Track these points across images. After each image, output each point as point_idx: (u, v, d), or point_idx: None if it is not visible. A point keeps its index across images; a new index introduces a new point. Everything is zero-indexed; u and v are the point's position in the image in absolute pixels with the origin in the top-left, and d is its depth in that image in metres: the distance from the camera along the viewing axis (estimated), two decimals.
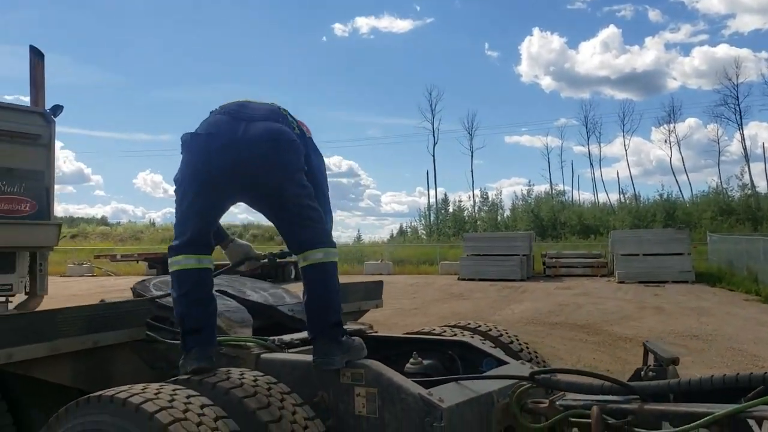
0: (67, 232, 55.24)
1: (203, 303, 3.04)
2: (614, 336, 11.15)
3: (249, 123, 3.01)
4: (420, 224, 57.25)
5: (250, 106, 3.16)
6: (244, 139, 2.95)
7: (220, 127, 3.01)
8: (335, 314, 3.04)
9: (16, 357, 2.94)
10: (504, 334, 4.12)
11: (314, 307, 3.04)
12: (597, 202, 55.73)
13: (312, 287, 3.04)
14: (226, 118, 3.05)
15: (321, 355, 2.92)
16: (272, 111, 3.17)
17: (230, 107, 3.14)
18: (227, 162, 2.93)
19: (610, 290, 20.87)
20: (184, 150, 3.04)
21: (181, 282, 3.06)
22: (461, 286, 23.09)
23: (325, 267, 3.03)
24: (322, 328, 2.98)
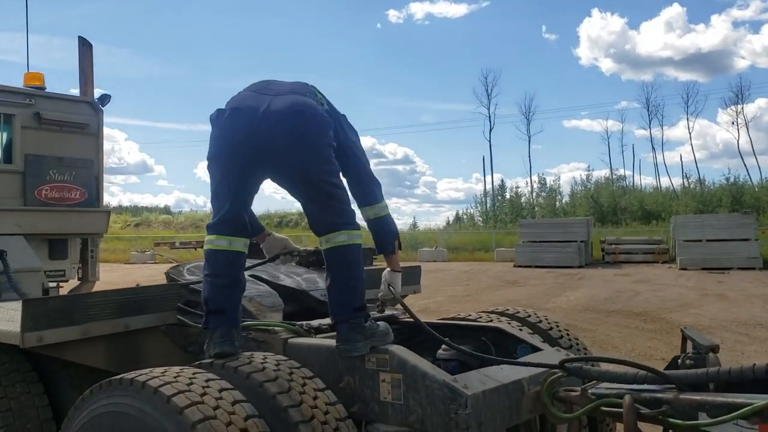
0: (131, 220, 57.04)
1: (229, 285, 3.01)
2: (672, 324, 10.81)
3: (274, 97, 2.95)
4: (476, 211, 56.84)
5: (276, 82, 3.12)
6: (268, 112, 2.88)
7: (245, 101, 2.97)
8: (358, 299, 2.96)
9: (47, 340, 2.98)
10: (543, 320, 4.00)
11: (336, 291, 2.97)
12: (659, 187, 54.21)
13: (334, 271, 2.98)
14: (252, 93, 3.01)
15: (344, 341, 2.86)
16: (300, 85, 3.11)
17: (257, 84, 3.11)
18: (250, 136, 2.88)
19: (671, 277, 20.30)
20: (212, 126, 3.01)
21: (211, 262, 3.05)
22: (516, 273, 22.83)
23: (348, 249, 2.96)
24: (344, 313, 2.92)
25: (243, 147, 2.90)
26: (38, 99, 6.29)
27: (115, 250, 38.36)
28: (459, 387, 2.60)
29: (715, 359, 2.55)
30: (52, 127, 6.32)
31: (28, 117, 6.19)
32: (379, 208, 3.29)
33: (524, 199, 55.17)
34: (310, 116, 2.91)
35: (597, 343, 9.29)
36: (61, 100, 6.53)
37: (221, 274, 3.01)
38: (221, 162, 2.98)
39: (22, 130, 6.15)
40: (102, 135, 6.72)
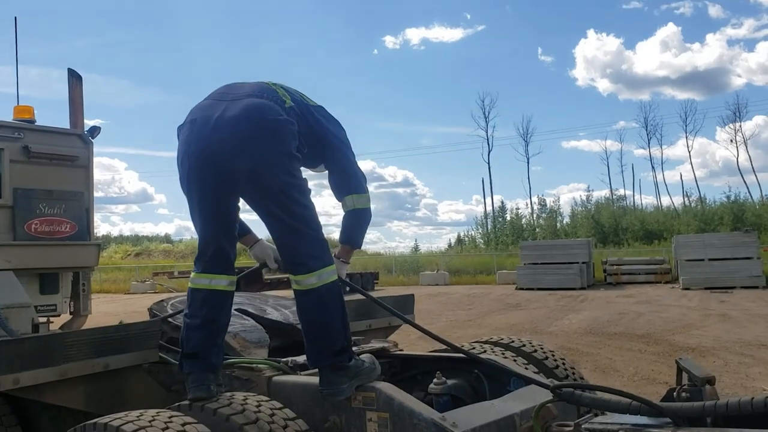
0: (131, 250, 56.93)
1: (203, 327, 2.86)
2: (675, 346, 10.66)
3: (230, 102, 2.77)
4: (478, 233, 56.73)
5: (237, 85, 2.94)
6: (221, 119, 2.70)
7: (201, 111, 2.81)
8: (338, 341, 2.77)
9: (24, 382, 2.89)
10: (538, 350, 3.90)
11: (312, 336, 2.79)
12: (660, 207, 54.13)
13: (307, 316, 2.80)
14: (210, 101, 2.85)
15: (327, 386, 2.72)
16: (258, 87, 2.89)
17: (218, 90, 2.94)
18: (202, 147, 2.72)
19: (674, 297, 20.14)
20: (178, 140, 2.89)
21: (189, 301, 2.95)
22: (518, 296, 22.67)
23: (319, 293, 2.75)
24: (323, 359, 2.75)
25: (198, 160, 2.74)
26: (27, 132, 6.25)
27: (115, 281, 38.24)
28: (447, 425, 2.50)
29: (712, 391, 2.45)
30: (41, 160, 6.27)
31: (17, 150, 6.14)
32: (363, 198, 3.12)
33: (525, 220, 55.13)
34: (262, 119, 2.71)
35: (599, 367, 9.15)
36: (51, 133, 6.49)
37: (197, 315, 2.88)
38: (184, 181, 2.84)
39: (11, 164, 6.10)
40: (92, 167, 6.67)
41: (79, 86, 6.78)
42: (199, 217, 2.88)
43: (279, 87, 2.97)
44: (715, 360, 9.38)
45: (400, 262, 39.44)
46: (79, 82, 6.78)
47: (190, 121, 2.83)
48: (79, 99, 6.74)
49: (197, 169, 2.77)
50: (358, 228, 3.16)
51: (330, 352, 2.74)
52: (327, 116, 3.11)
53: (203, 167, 2.75)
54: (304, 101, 3.03)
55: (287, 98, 2.90)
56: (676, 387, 2.51)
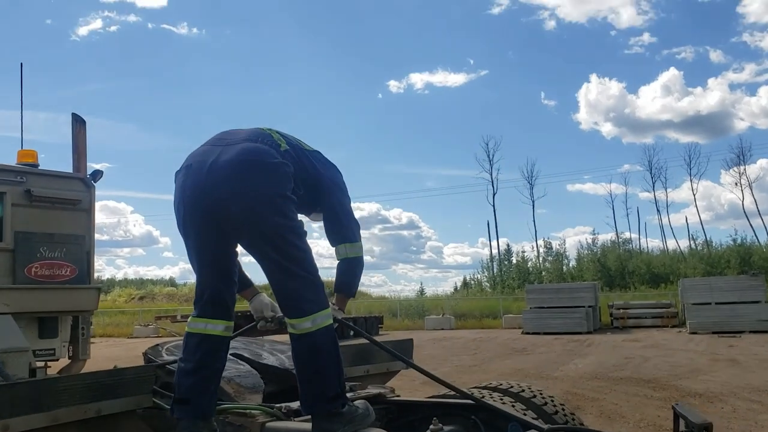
0: (135, 293, 56.86)
1: (198, 373, 2.84)
2: (682, 391, 10.51)
3: (225, 147, 2.79)
4: (483, 276, 56.49)
5: (234, 131, 2.95)
6: (215, 164, 2.72)
7: (196, 157, 2.83)
8: (332, 387, 2.73)
9: (15, 428, 2.84)
10: (537, 395, 3.83)
11: (306, 382, 2.75)
12: (666, 250, 53.93)
13: (302, 360, 2.76)
14: (206, 147, 2.87)
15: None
16: (254, 132, 2.91)
17: (216, 136, 2.96)
18: (197, 191, 2.74)
19: (681, 342, 19.92)
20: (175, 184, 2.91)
21: (184, 345, 2.95)
22: (525, 341, 22.45)
23: (314, 338, 2.72)
24: (317, 405, 2.72)
25: (193, 204, 2.76)
26: (30, 176, 6.30)
27: (119, 324, 38.07)
28: None
29: None
30: (43, 203, 6.31)
31: (19, 194, 6.19)
32: (355, 248, 3.13)
33: (531, 263, 54.89)
34: (255, 162, 2.71)
35: (605, 413, 9.00)
36: (53, 177, 6.54)
37: (190, 360, 2.86)
38: (180, 226, 2.86)
39: (12, 208, 6.14)
40: (94, 210, 6.72)
41: (82, 131, 6.85)
42: (196, 261, 2.88)
43: (275, 132, 3.00)
44: (723, 406, 9.23)
45: (405, 305, 39.20)
46: (83, 126, 6.86)
47: (185, 167, 2.85)
48: (82, 143, 6.81)
49: (192, 214, 2.78)
50: (351, 277, 3.17)
51: (324, 398, 2.71)
52: (323, 161, 3.13)
53: (198, 212, 2.76)
54: (299, 146, 3.05)
55: (282, 142, 2.92)
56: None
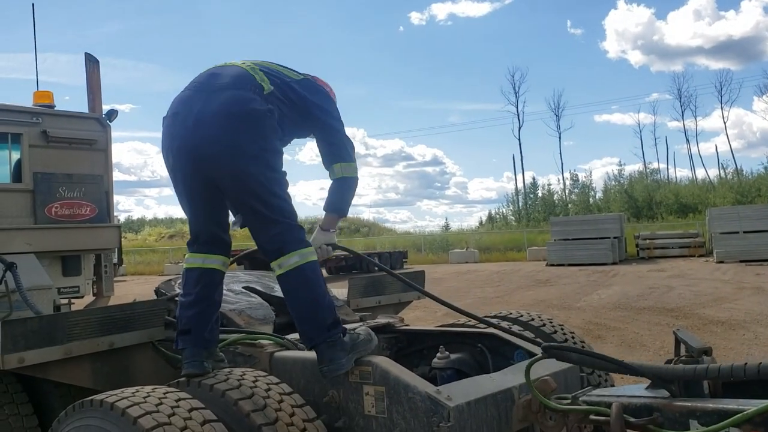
0: (165, 232, 57.72)
1: (196, 304, 2.89)
2: (705, 319, 10.51)
3: (209, 95, 2.77)
4: (509, 210, 56.36)
5: (218, 73, 2.90)
6: (201, 116, 2.72)
7: (182, 104, 2.83)
8: (329, 314, 2.79)
9: (29, 361, 2.93)
10: (547, 324, 3.86)
11: (305, 314, 2.80)
12: (695, 179, 53.13)
13: (295, 295, 2.81)
14: (189, 93, 2.86)
15: (326, 362, 2.72)
16: (238, 76, 2.86)
17: (199, 78, 2.93)
18: (183, 144, 2.75)
19: (707, 271, 19.82)
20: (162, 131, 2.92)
21: (184, 280, 3.01)
22: (548, 273, 22.50)
23: (303, 270, 2.78)
24: (318, 335, 2.75)
25: (179, 156, 2.79)
26: (45, 117, 6.32)
27: (150, 263, 38.86)
28: (441, 399, 2.49)
29: (710, 362, 2.40)
30: (60, 144, 6.34)
31: (36, 135, 6.22)
32: (350, 168, 3.11)
33: (557, 196, 54.63)
34: (241, 115, 2.71)
35: (625, 342, 9.06)
36: (68, 117, 6.55)
37: (191, 293, 2.92)
38: (170, 171, 2.89)
39: (30, 149, 6.18)
40: (110, 150, 6.73)
41: (96, 70, 6.83)
42: (188, 208, 2.94)
43: (257, 71, 2.93)
44: (745, 333, 9.22)
45: (430, 240, 39.38)
46: (96, 66, 6.84)
47: (172, 114, 2.85)
48: (96, 83, 6.80)
49: (181, 166, 2.82)
50: (345, 195, 3.14)
51: (323, 327, 2.75)
52: (311, 87, 3.09)
53: (186, 164, 2.80)
54: (285, 79, 3.00)
55: (266, 82, 2.88)
56: (674, 358, 2.46)
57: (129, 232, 54.96)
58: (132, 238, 53.31)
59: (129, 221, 63.53)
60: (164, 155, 2.89)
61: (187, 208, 2.92)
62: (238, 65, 2.98)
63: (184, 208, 2.95)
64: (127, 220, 63.13)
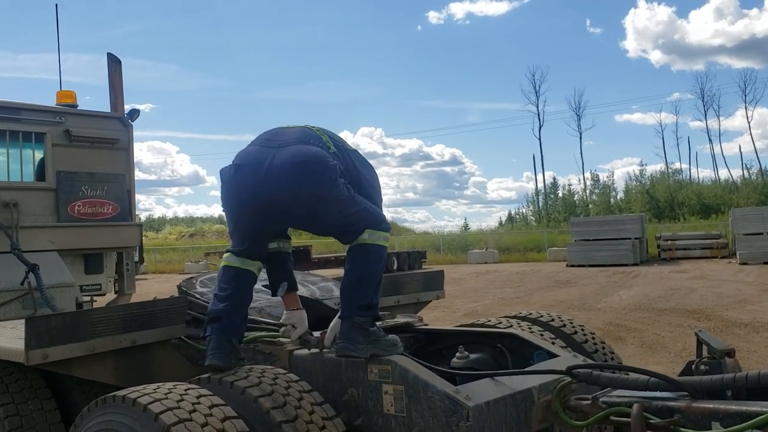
0: (185, 231, 58.16)
1: (232, 298, 3.00)
2: (728, 322, 10.38)
3: (278, 149, 2.89)
4: (529, 210, 56.08)
5: (282, 132, 3.05)
6: (271, 168, 2.84)
7: (249, 157, 2.95)
8: (366, 297, 2.89)
9: (53, 357, 2.97)
10: (567, 324, 3.83)
11: (346, 287, 2.94)
12: (718, 180, 52.47)
13: (349, 267, 2.96)
14: (257, 147, 2.98)
15: (344, 339, 2.82)
16: (303, 133, 3.02)
17: (263, 136, 3.06)
18: (255, 194, 2.86)
19: (730, 272, 19.57)
20: (221, 182, 3.02)
21: (220, 277, 3.09)
22: (569, 273, 22.36)
23: (365, 247, 2.92)
24: (349, 309, 2.87)
25: (250, 205, 2.90)
26: (68, 116, 6.40)
27: (170, 261, 39.15)
28: (461, 398, 2.49)
29: (733, 363, 2.38)
30: (82, 143, 6.42)
31: (59, 134, 6.30)
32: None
33: (577, 196, 54.27)
34: (312, 165, 2.83)
35: (646, 343, 8.98)
36: (91, 117, 6.64)
37: (226, 288, 3.02)
38: (233, 217, 3.01)
39: (53, 148, 6.27)
40: (132, 149, 6.81)
41: (118, 70, 6.90)
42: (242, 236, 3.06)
43: (323, 133, 3.08)
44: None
45: (449, 240, 39.28)
46: (118, 66, 6.91)
47: (236, 166, 2.95)
48: (118, 83, 6.87)
49: (252, 215, 2.94)
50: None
51: (355, 304, 2.86)
52: (361, 160, 3.20)
53: (258, 213, 2.93)
54: (345, 146, 3.14)
55: (330, 144, 3.02)
56: (695, 360, 2.44)
57: (150, 231, 55.45)
58: (153, 237, 53.78)
59: (150, 220, 64.18)
60: (227, 205, 3.00)
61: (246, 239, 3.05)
62: (303, 126, 3.12)
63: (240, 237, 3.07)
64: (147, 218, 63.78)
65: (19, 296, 5.39)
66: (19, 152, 6.32)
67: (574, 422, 2.55)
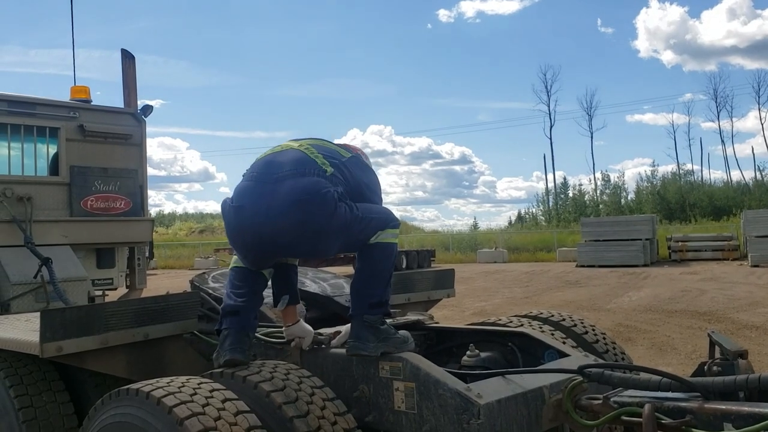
0: (195, 227, 58.32)
1: (246, 295, 3.02)
2: (739, 324, 10.34)
3: (275, 185, 2.82)
4: (539, 210, 55.93)
5: (275, 162, 2.94)
6: (270, 210, 2.78)
7: (246, 198, 2.88)
8: (376, 295, 2.89)
9: (67, 350, 3.00)
10: (578, 324, 3.83)
11: (357, 285, 2.95)
12: (730, 181, 52.22)
13: (360, 264, 2.97)
14: (252, 184, 2.91)
15: (354, 338, 2.83)
16: (297, 161, 2.90)
17: (256, 169, 2.97)
18: (258, 236, 2.84)
19: (741, 275, 19.46)
20: (223, 218, 3.03)
21: (233, 276, 3.10)
22: (578, 274, 22.30)
23: (375, 246, 2.92)
24: (359, 307, 2.88)
25: (254, 245, 2.90)
26: (82, 112, 6.45)
27: (180, 257, 39.29)
28: (472, 396, 2.49)
29: (745, 365, 2.37)
30: (96, 138, 6.47)
31: (73, 129, 6.35)
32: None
33: (588, 197, 54.05)
34: (313, 203, 2.76)
35: (656, 344, 8.95)
36: (105, 112, 6.68)
37: (241, 286, 3.03)
38: (240, 253, 3.03)
39: (67, 143, 6.31)
40: (145, 145, 6.85)
41: (132, 66, 6.95)
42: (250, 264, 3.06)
43: (317, 154, 2.96)
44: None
45: (458, 239, 39.20)
46: (132, 62, 6.95)
47: (237, 207, 2.90)
48: (132, 79, 6.92)
49: (257, 254, 2.97)
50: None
51: (366, 302, 2.87)
52: (360, 165, 3.12)
53: (262, 251, 2.94)
54: (341, 160, 3.02)
55: (327, 166, 2.91)
56: (708, 361, 2.44)
57: (160, 227, 55.62)
58: (163, 233, 53.97)
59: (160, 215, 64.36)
60: (232, 242, 3.02)
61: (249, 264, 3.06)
62: (295, 148, 3.00)
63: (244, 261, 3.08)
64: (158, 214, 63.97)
65: (32, 289, 5.44)
66: (34, 147, 6.36)
67: (585, 422, 2.55)
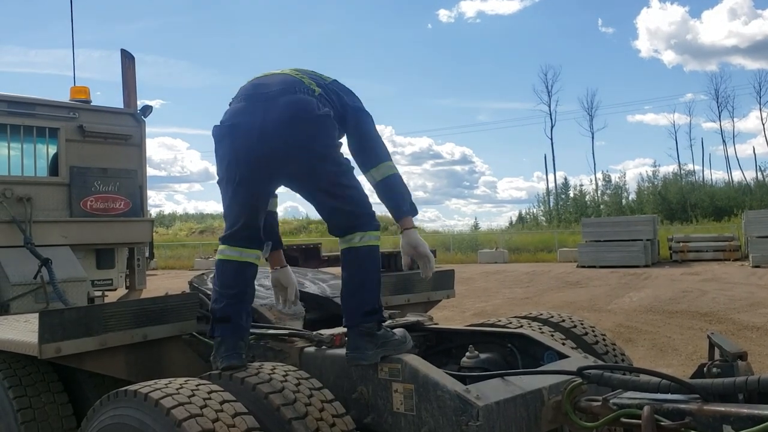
0: (195, 227, 58.29)
1: (237, 297, 2.95)
2: (740, 325, 10.32)
3: (267, 103, 2.82)
4: (539, 210, 55.91)
5: (263, 84, 2.95)
6: (265, 124, 2.79)
7: (239, 116, 2.88)
8: (370, 302, 2.85)
9: (65, 351, 3.00)
10: (578, 325, 3.83)
11: (348, 294, 2.90)
12: (731, 182, 52.19)
13: (347, 272, 2.91)
14: (244, 104, 2.90)
15: (352, 349, 2.78)
16: (288, 82, 2.91)
17: (246, 90, 2.97)
18: (251, 154, 2.82)
19: (742, 275, 19.43)
20: (215, 143, 2.97)
21: (219, 272, 3.03)
22: (579, 274, 22.26)
23: (358, 251, 2.87)
24: (354, 317, 2.83)
25: (247, 165, 2.85)
26: (82, 112, 6.45)
27: (180, 257, 39.27)
28: (470, 398, 2.49)
29: (745, 367, 2.36)
30: (95, 139, 6.47)
31: (73, 130, 6.35)
32: (386, 167, 3.06)
33: (589, 197, 54.03)
34: (305, 120, 2.79)
35: (657, 345, 8.94)
36: (104, 113, 6.68)
37: (229, 285, 2.96)
38: (230, 183, 2.93)
39: (66, 143, 6.32)
40: (145, 145, 6.84)
41: (132, 66, 6.94)
42: (241, 208, 2.97)
43: (304, 76, 2.99)
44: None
45: (458, 239, 39.17)
46: (132, 62, 6.95)
47: (230, 126, 2.90)
48: (132, 79, 6.91)
49: (250, 174, 2.88)
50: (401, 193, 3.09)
51: (360, 311, 2.83)
52: (342, 89, 3.13)
53: (256, 172, 2.87)
54: (324, 82, 3.05)
55: (314, 86, 2.94)
56: (707, 362, 2.43)
57: (160, 227, 55.59)
58: (163, 233, 53.92)
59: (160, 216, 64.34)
60: (223, 165, 2.94)
61: (242, 210, 2.96)
62: (279, 73, 3.03)
63: (233, 206, 2.97)
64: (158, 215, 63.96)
65: (32, 290, 5.44)
66: (33, 147, 6.36)
67: (584, 423, 2.54)
